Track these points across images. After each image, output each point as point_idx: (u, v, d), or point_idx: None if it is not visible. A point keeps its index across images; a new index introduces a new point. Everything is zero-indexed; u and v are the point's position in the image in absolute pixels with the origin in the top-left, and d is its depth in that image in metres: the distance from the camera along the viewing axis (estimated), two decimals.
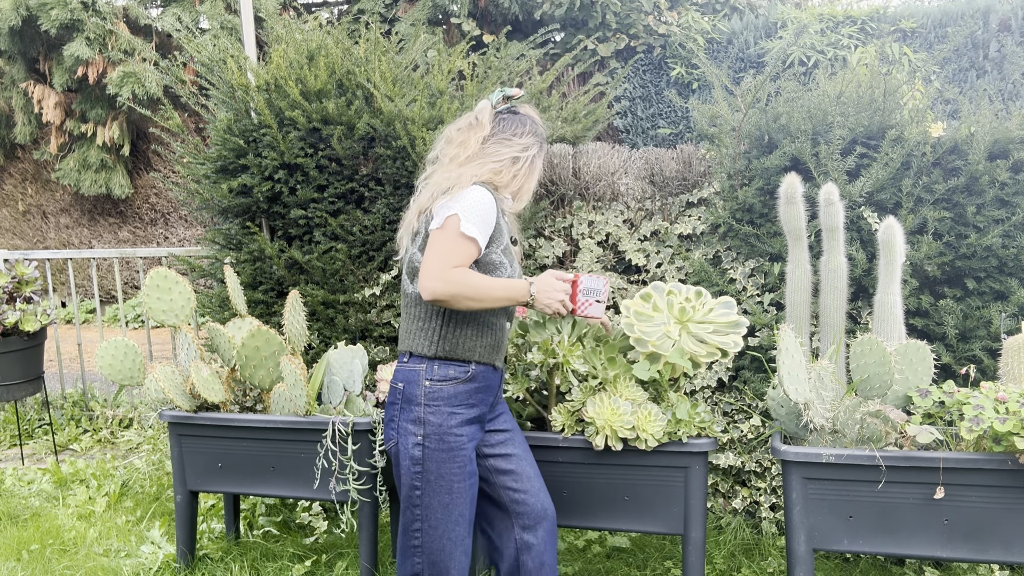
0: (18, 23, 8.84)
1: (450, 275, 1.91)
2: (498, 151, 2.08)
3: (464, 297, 1.92)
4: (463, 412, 2.07)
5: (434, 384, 2.04)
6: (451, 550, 2.08)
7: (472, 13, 8.22)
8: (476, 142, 2.08)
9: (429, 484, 2.05)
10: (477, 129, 2.11)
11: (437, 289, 1.91)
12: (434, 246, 1.95)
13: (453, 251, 1.93)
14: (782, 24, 7.22)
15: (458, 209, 1.95)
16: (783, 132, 2.96)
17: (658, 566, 2.86)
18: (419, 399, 2.04)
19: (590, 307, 2.15)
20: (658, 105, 7.74)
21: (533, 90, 3.81)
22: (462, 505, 2.08)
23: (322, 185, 3.26)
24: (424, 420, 2.04)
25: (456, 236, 1.93)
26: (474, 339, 2.06)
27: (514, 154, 2.08)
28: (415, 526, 2.08)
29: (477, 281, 1.95)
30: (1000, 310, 2.75)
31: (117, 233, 10.33)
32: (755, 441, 3.04)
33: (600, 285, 2.15)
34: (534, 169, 2.14)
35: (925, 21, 6.85)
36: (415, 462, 2.04)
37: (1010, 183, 2.71)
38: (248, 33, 3.53)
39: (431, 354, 2.04)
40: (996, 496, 2.06)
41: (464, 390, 2.07)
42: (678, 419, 2.31)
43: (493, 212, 2.00)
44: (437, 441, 2.04)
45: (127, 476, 3.82)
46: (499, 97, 2.14)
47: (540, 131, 2.17)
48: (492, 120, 2.12)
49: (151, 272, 2.88)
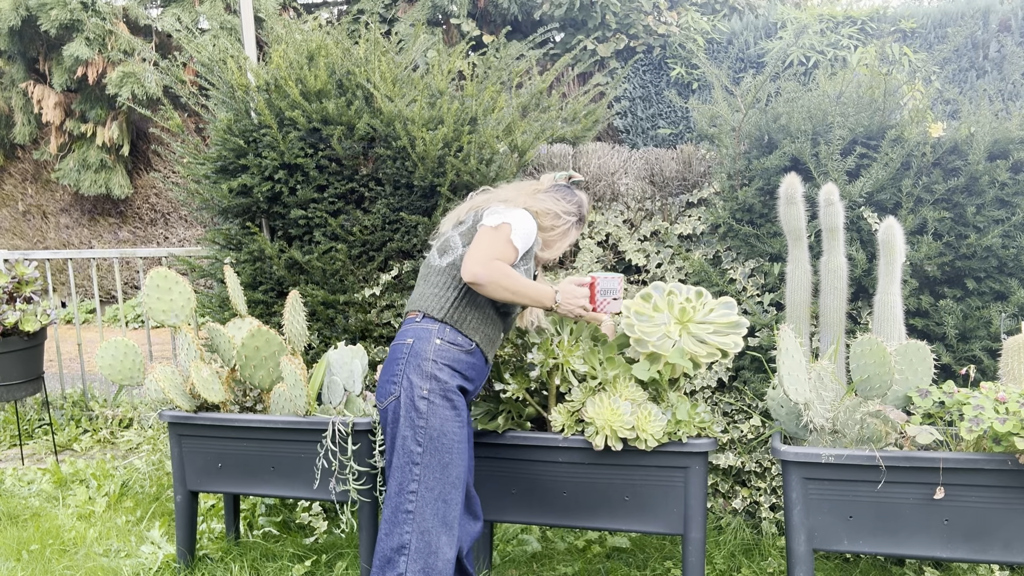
0: (18, 23, 8.84)
1: (493, 265, 2.13)
2: (546, 200, 2.38)
3: (499, 286, 2.13)
4: (460, 379, 2.19)
5: (444, 343, 2.17)
6: (446, 516, 2.10)
7: (471, 13, 8.22)
8: (531, 191, 2.40)
9: (432, 441, 2.10)
10: (535, 185, 2.46)
11: (479, 272, 2.11)
12: (485, 239, 2.17)
13: (500, 249, 2.16)
14: (782, 24, 7.23)
15: (511, 220, 2.21)
16: (783, 132, 2.96)
17: (658, 566, 2.86)
18: (428, 354, 2.14)
19: (608, 305, 2.36)
20: (658, 105, 7.74)
21: (533, 90, 3.81)
22: (460, 467, 2.15)
23: (322, 185, 3.26)
24: (432, 375, 2.13)
25: (506, 239, 2.18)
26: (478, 322, 2.23)
27: (559, 210, 2.38)
28: (411, 487, 2.08)
29: (515, 276, 2.16)
30: (1000, 310, 2.75)
31: (117, 233, 10.32)
32: (755, 441, 3.04)
33: (615, 284, 2.36)
34: (567, 235, 2.44)
35: (925, 21, 6.86)
36: (420, 415, 2.09)
37: (1010, 183, 2.71)
38: (248, 33, 3.53)
39: (440, 317, 2.19)
40: (996, 496, 2.06)
41: (466, 360, 2.21)
42: (678, 419, 2.31)
43: (533, 235, 2.27)
44: (442, 398, 2.12)
45: (127, 476, 3.82)
46: (564, 176, 2.50)
47: (583, 210, 2.47)
48: (550, 186, 2.45)
49: (151, 272, 2.88)
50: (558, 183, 2.47)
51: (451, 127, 3.04)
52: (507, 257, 2.18)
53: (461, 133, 3.07)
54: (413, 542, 2.06)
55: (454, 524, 2.12)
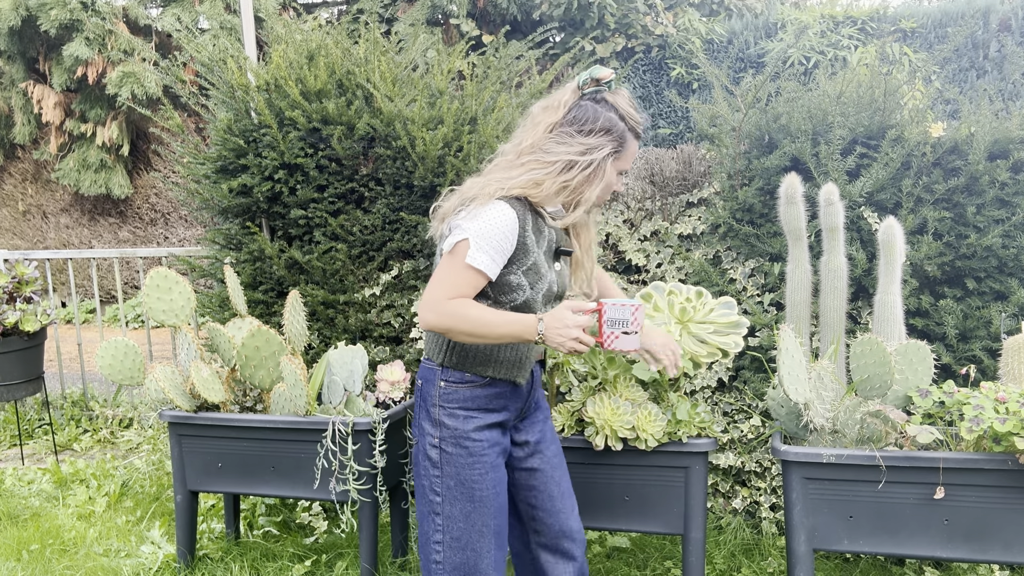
0: (18, 23, 8.84)
1: (446, 307, 1.74)
2: (550, 152, 1.81)
3: (460, 331, 1.74)
4: (480, 417, 1.89)
5: (449, 385, 1.89)
6: (477, 564, 1.89)
7: (471, 13, 8.22)
8: (543, 129, 1.82)
9: (449, 490, 1.88)
10: (551, 112, 1.84)
11: (430, 320, 1.76)
12: (438, 272, 1.79)
13: (456, 281, 1.76)
14: (782, 24, 7.23)
15: (471, 233, 1.75)
16: (783, 132, 2.96)
17: (658, 566, 2.86)
18: (434, 399, 1.90)
19: (617, 340, 1.82)
20: (658, 105, 7.74)
21: (533, 90, 3.81)
22: (486, 515, 1.89)
23: (322, 185, 3.26)
24: (439, 422, 1.89)
25: (462, 266, 1.75)
26: (485, 354, 1.88)
27: (569, 158, 1.80)
28: (436, 538, 1.90)
29: (476, 315, 1.74)
30: (1000, 310, 2.75)
31: (117, 233, 10.32)
32: (755, 441, 3.04)
33: (628, 315, 1.80)
34: (597, 175, 1.82)
35: (925, 21, 6.86)
36: (433, 464, 1.90)
37: (1010, 183, 2.71)
38: (248, 33, 3.53)
39: (439, 361, 1.90)
40: (996, 496, 2.06)
41: (482, 394, 1.90)
42: (678, 419, 2.31)
43: (511, 235, 1.78)
44: (454, 445, 1.88)
45: (127, 476, 3.82)
46: (587, 78, 1.83)
47: (619, 126, 1.83)
48: (571, 105, 1.83)
49: (151, 272, 2.88)
50: (582, 99, 1.84)
51: (451, 127, 3.04)
52: (470, 287, 1.77)
53: (461, 133, 3.07)
54: None
55: (489, 572, 1.91)
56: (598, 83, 1.83)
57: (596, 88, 1.83)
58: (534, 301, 1.86)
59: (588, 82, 1.83)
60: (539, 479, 2.03)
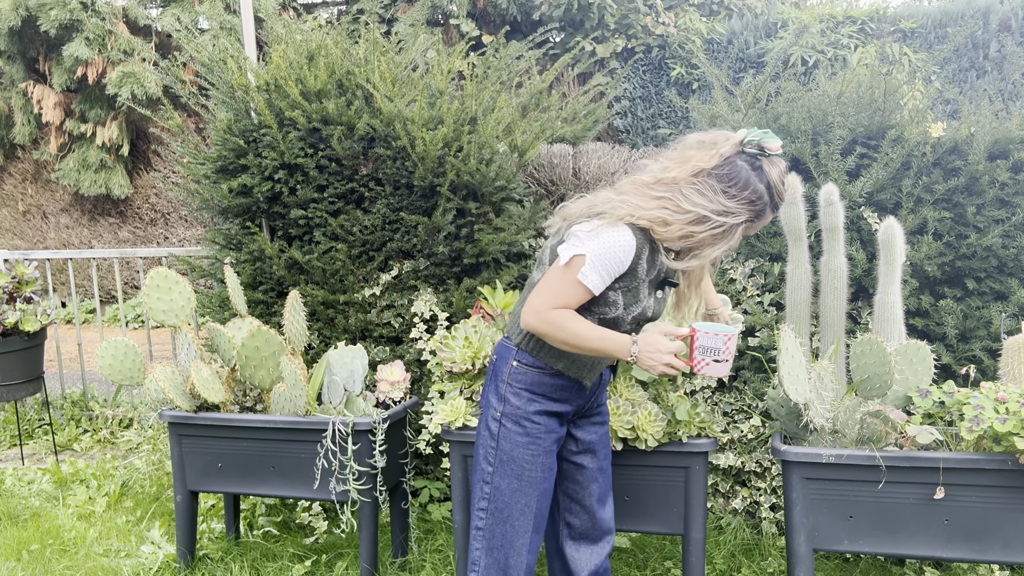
0: (17, 23, 8.84)
1: (549, 315, 1.83)
2: (687, 199, 1.78)
3: (557, 340, 1.84)
4: (543, 402, 1.97)
5: (521, 366, 1.97)
6: (513, 539, 1.99)
7: (471, 14, 8.22)
8: (690, 170, 1.79)
9: (502, 464, 1.98)
10: (704, 153, 1.80)
11: (532, 324, 1.85)
12: (548, 281, 1.85)
13: (563, 293, 1.82)
14: (782, 24, 7.23)
15: (589, 251, 1.79)
16: (783, 132, 2.96)
17: (658, 566, 2.86)
18: (504, 376, 1.98)
19: (707, 367, 1.83)
20: (658, 105, 7.74)
21: (533, 90, 3.81)
22: (530, 495, 1.98)
23: (322, 185, 3.26)
24: (504, 398, 1.98)
25: (573, 281, 1.81)
26: (555, 356, 1.96)
27: (705, 213, 1.77)
28: (481, 505, 2.01)
29: (575, 328, 1.82)
30: (1000, 310, 2.75)
31: (117, 233, 10.32)
32: (755, 441, 3.04)
33: (720, 344, 1.82)
34: (725, 238, 1.80)
35: (925, 21, 6.86)
36: (491, 436, 1.99)
37: (1010, 183, 2.71)
38: (248, 33, 3.53)
39: (516, 343, 1.98)
40: (996, 496, 2.06)
41: (549, 382, 1.97)
42: (678, 419, 2.31)
43: (626, 261, 1.81)
44: (514, 422, 1.97)
45: (127, 476, 3.82)
46: (757, 136, 1.78)
47: (763, 200, 1.78)
48: (727, 156, 1.79)
49: (151, 272, 2.88)
50: (741, 155, 1.78)
51: (451, 127, 3.04)
52: (575, 300, 1.83)
53: (461, 133, 3.07)
54: (483, 559, 2.02)
55: (522, 551, 2.01)
56: (762, 149, 1.79)
57: (758, 151, 1.79)
58: (623, 320, 1.90)
59: (753, 144, 1.79)
60: (585, 476, 2.13)
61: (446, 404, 2.45)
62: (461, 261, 3.19)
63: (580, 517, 2.15)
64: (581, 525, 2.16)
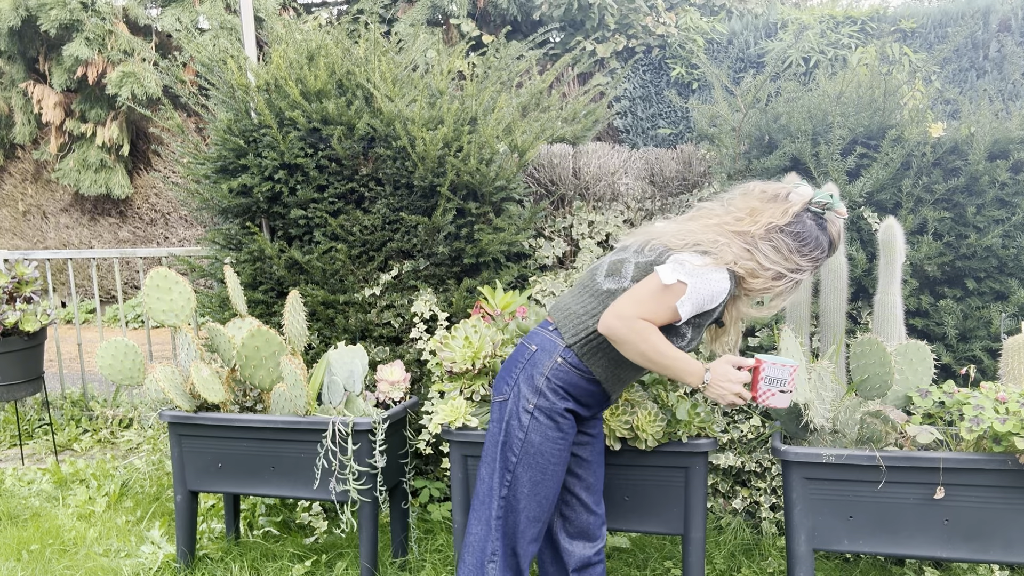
0: (18, 23, 8.84)
1: (636, 324, 1.87)
2: (767, 256, 1.93)
3: (635, 349, 1.89)
4: (571, 402, 2.02)
5: (565, 364, 2.00)
6: (526, 530, 2.04)
7: (471, 14, 8.22)
8: (763, 224, 1.94)
9: (528, 456, 2.01)
10: (775, 208, 1.95)
11: (616, 327, 1.88)
12: (644, 291, 1.90)
13: (655, 311, 1.89)
14: (782, 24, 7.23)
15: (692, 284, 1.88)
16: (783, 132, 2.96)
17: (658, 566, 2.86)
18: (544, 369, 2.00)
19: (772, 397, 1.93)
20: (658, 105, 7.74)
21: (533, 90, 3.81)
22: (548, 488, 2.04)
23: (322, 185, 3.26)
24: (540, 391, 2.00)
25: (669, 304, 1.88)
26: (608, 362, 2.02)
27: (781, 270, 1.93)
28: (502, 493, 2.03)
29: (657, 342, 1.89)
30: (1000, 310, 2.75)
31: (117, 233, 10.32)
32: (755, 441, 3.04)
33: (787, 375, 1.92)
34: (794, 291, 2.01)
35: (925, 21, 6.85)
36: (521, 427, 2.01)
37: (1010, 183, 2.71)
38: (248, 33, 3.53)
39: (569, 342, 2.00)
40: (996, 496, 2.06)
41: (583, 387, 2.02)
42: (678, 419, 2.31)
43: (717, 303, 1.94)
44: (547, 416, 2.00)
45: (127, 476, 3.82)
46: (826, 200, 1.96)
47: (825, 253, 1.99)
48: (798, 215, 1.95)
49: (151, 272, 2.88)
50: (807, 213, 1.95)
51: (451, 127, 3.04)
52: (661, 320, 1.89)
53: (461, 133, 3.07)
54: (500, 549, 2.05)
55: (533, 541, 2.07)
56: (827, 207, 1.96)
57: (824, 209, 1.96)
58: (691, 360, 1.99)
59: (821, 205, 1.96)
60: (584, 468, 2.21)
61: (446, 404, 2.45)
62: (461, 261, 3.19)
63: (576, 510, 2.21)
64: (576, 518, 2.22)
